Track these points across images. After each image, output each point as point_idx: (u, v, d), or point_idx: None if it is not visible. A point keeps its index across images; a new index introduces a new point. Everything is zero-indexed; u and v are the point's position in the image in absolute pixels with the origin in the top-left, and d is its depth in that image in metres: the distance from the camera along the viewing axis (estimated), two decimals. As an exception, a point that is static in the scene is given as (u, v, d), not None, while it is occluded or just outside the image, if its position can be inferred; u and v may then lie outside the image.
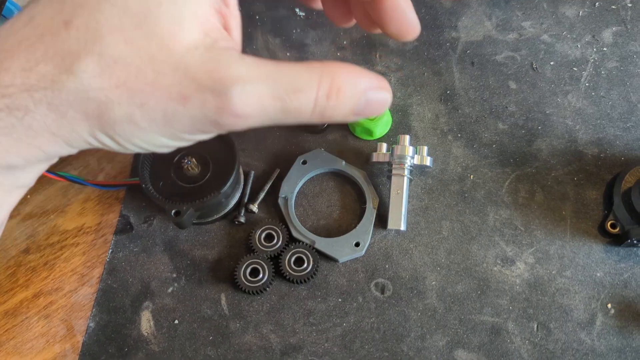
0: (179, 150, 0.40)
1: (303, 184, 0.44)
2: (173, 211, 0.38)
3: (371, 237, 0.41)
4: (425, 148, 0.42)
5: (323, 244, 0.41)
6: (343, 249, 0.40)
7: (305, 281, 0.40)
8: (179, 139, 0.27)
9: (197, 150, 0.41)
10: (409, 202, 0.42)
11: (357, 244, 0.40)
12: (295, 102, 0.25)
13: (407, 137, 0.42)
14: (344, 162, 0.43)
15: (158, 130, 0.26)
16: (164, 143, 0.27)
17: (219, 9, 0.27)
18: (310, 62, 0.26)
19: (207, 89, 0.24)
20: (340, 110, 0.26)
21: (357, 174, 0.43)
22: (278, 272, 0.40)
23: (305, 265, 0.40)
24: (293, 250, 0.41)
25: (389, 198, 0.41)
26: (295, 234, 0.41)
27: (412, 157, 0.41)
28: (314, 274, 0.40)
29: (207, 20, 0.25)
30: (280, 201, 0.42)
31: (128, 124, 0.25)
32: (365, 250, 0.41)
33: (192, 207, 0.39)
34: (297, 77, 0.25)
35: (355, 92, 0.26)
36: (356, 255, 0.41)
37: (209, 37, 0.25)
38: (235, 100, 0.24)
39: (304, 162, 0.43)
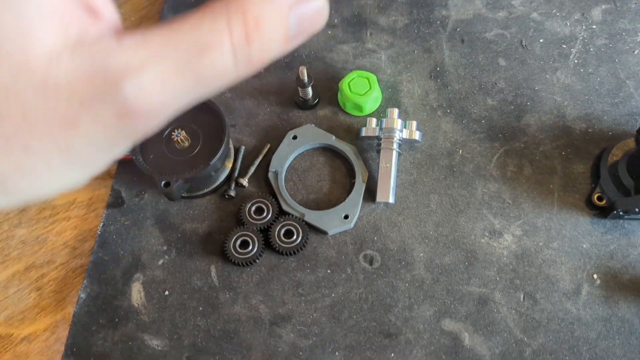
0: (170, 124, 0.41)
1: (293, 158, 0.44)
2: (163, 182, 0.39)
3: (360, 210, 0.41)
4: (414, 122, 0.42)
5: (312, 216, 0.41)
6: (332, 222, 0.41)
7: (294, 253, 0.41)
8: (96, 164, 0.21)
9: (187, 123, 0.41)
10: (397, 175, 0.42)
11: (346, 217, 0.41)
12: (208, 64, 0.19)
13: (396, 111, 0.42)
14: (334, 137, 0.44)
15: (63, 169, 0.20)
16: (79, 176, 0.21)
17: None
18: (209, 5, 0.20)
19: (93, 99, 0.19)
20: (269, 45, 0.20)
21: (347, 149, 0.43)
22: (268, 244, 0.41)
23: (295, 237, 0.41)
24: (283, 223, 0.41)
25: (378, 171, 0.42)
26: (285, 207, 0.42)
27: (401, 131, 0.42)
28: (304, 245, 0.41)
29: (60, 10, 0.19)
30: (271, 175, 0.43)
31: (21, 177, 0.20)
32: (355, 223, 0.41)
33: (181, 179, 0.39)
34: (198, 33, 0.19)
35: (278, 16, 0.20)
36: (345, 227, 0.41)
37: (69, 32, 0.19)
38: (132, 98, 0.19)
39: (295, 137, 0.44)
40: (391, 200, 0.41)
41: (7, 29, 0.18)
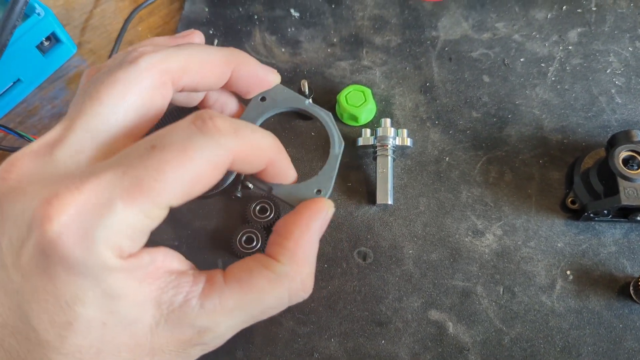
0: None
1: (261, 124, 0.38)
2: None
3: (334, 184, 0.35)
4: (405, 131, 0.47)
5: (281, 190, 0.34)
6: (303, 197, 0.34)
7: (295, 252, 0.44)
8: None
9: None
10: (393, 179, 0.46)
11: (318, 192, 0.34)
12: (269, 314, 0.28)
13: (389, 120, 0.47)
14: (308, 101, 0.37)
15: None
16: None
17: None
18: (269, 264, 0.28)
19: (186, 349, 0.26)
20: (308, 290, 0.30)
21: (322, 115, 0.37)
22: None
23: (296, 239, 0.44)
24: (285, 226, 0.45)
25: (376, 177, 0.45)
26: (252, 181, 0.34)
27: (394, 138, 0.46)
28: (303, 246, 0.44)
29: (154, 294, 0.25)
30: None
31: None
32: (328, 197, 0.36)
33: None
34: (262, 298, 0.26)
35: (314, 251, 0.30)
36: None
37: (163, 306, 0.25)
38: (213, 344, 0.27)
39: (263, 99, 0.35)
40: (390, 201, 0.44)
41: (118, 331, 0.24)
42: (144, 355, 0.24)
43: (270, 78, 0.33)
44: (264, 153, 0.28)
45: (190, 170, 0.23)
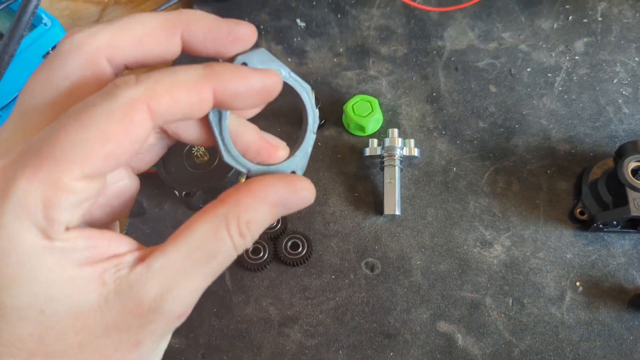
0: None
1: None
2: (184, 192, 0.43)
3: (307, 164, 0.31)
4: (413, 141, 0.46)
5: (259, 171, 0.30)
6: None
7: (300, 264, 0.44)
8: (159, 352, 0.26)
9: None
10: (401, 189, 0.46)
11: (293, 172, 0.31)
12: (218, 263, 0.24)
13: (396, 130, 0.46)
14: (286, 72, 0.29)
15: None
16: None
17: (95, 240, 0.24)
18: (210, 210, 0.25)
19: (145, 322, 0.23)
20: (257, 231, 0.26)
21: (300, 89, 0.31)
22: (277, 252, 0.44)
23: (300, 249, 0.44)
24: (290, 236, 0.45)
25: (383, 187, 0.45)
26: (227, 158, 0.30)
27: (401, 149, 0.46)
28: (309, 257, 0.44)
29: (96, 273, 0.23)
30: (211, 116, 0.28)
31: None
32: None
33: (200, 190, 0.43)
34: (205, 241, 0.24)
35: (265, 214, 0.25)
36: None
37: (108, 282, 0.23)
38: (173, 309, 0.23)
39: (244, 65, 0.28)
40: (397, 212, 0.44)
41: (60, 316, 0.22)
42: (97, 336, 0.23)
43: (242, 32, 0.27)
44: (189, 86, 0.23)
45: (89, 130, 0.21)
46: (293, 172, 0.31)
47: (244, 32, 0.28)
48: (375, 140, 0.47)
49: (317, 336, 0.42)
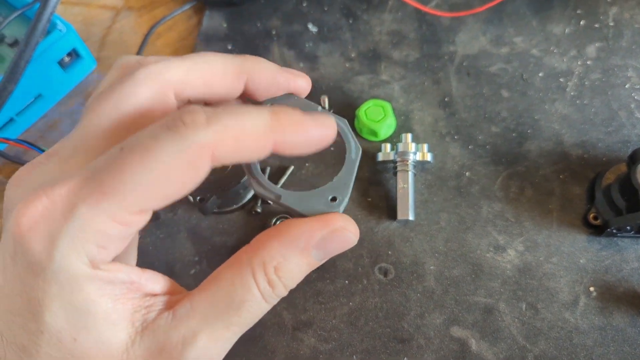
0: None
1: None
2: (198, 197, 0.43)
3: (351, 192, 0.30)
4: (426, 145, 0.47)
5: (291, 198, 0.29)
6: (315, 204, 0.29)
7: (315, 267, 0.44)
8: None
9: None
10: (414, 194, 0.46)
11: (333, 199, 0.29)
12: (245, 314, 0.23)
13: (409, 135, 0.47)
14: (320, 108, 0.32)
15: None
16: None
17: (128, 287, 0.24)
18: (237, 260, 0.24)
19: None
20: (293, 279, 0.24)
21: (338, 123, 0.31)
22: (291, 257, 0.45)
23: (315, 254, 0.44)
24: (304, 241, 0.45)
25: (396, 192, 0.45)
26: (257, 188, 0.29)
27: (415, 153, 0.46)
28: (323, 261, 0.44)
29: (127, 313, 0.24)
30: None
31: None
32: (344, 208, 0.31)
33: (214, 195, 0.43)
34: (233, 293, 0.23)
35: (297, 260, 0.24)
36: (332, 211, 0.30)
37: (136, 322, 0.24)
38: (200, 356, 0.23)
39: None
40: (411, 217, 0.44)
41: (90, 348, 0.23)
42: None
43: (298, 84, 0.29)
44: (255, 136, 0.23)
45: (155, 169, 0.21)
46: (333, 198, 0.29)
47: (301, 84, 0.30)
48: (388, 145, 0.47)
49: (331, 341, 0.42)
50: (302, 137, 0.25)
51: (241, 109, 0.23)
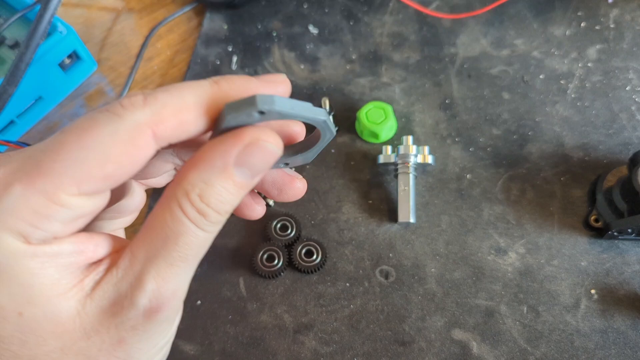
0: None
1: None
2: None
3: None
4: (427, 147, 0.47)
5: None
6: None
7: (314, 271, 0.44)
8: (152, 351, 0.25)
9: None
10: (415, 197, 0.46)
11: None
12: (186, 246, 0.23)
13: (410, 137, 0.47)
14: (310, 104, 0.24)
15: None
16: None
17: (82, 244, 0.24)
18: (166, 191, 0.23)
19: (124, 320, 0.23)
20: (225, 203, 0.23)
21: (327, 134, 0.26)
22: (291, 260, 0.45)
23: (315, 257, 0.44)
24: (304, 244, 0.45)
25: (397, 194, 0.45)
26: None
27: (416, 156, 0.46)
28: (323, 264, 0.44)
29: (73, 282, 0.23)
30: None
31: None
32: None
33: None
34: (166, 227, 0.22)
35: (219, 182, 0.22)
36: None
37: (85, 287, 0.23)
38: (148, 303, 0.23)
39: (262, 113, 0.22)
40: (412, 220, 0.44)
41: (38, 321, 0.22)
42: (78, 339, 0.23)
43: (278, 91, 0.26)
44: (197, 109, 0.23)
45: (91, 148, 0.21)
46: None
47: (280, 91, 0.27)
48: (389, 147, 0.47)
49: (332, 344, 0.42)
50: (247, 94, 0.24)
51: (181, 85, 0.23)
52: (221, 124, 0.23)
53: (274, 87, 0.25)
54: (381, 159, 0.47)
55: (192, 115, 0.23)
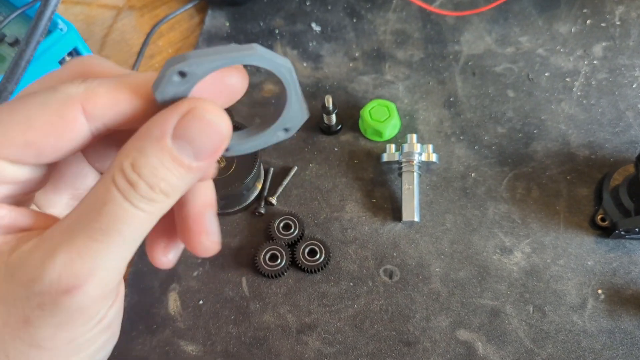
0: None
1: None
2: (201, 199, 0.42)
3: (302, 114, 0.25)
4: (431, 146, 0.46)
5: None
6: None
7: (318, 270, 0.44)
8: (66, 338, 0.22)
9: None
10: (419, 195, 0.45)
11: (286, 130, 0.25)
12: (108, 217, 0.20)
13: (415, 136, 0.46)
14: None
15: (43, 356, 0.22)
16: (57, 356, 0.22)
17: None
18: (103, 178, 0.21)
19: (29, 297, 0.20)
20: (152, 175, 0.21)
21: (279, 68, 0.22)
22: (294, 259, 0.44)
23: (318, 256, 0.44)
24: (307, 243, 0.44)
25: (401, 193, 0.45)
26: None
27: (420, 154, 0.45)
28: (326, 263, 0.44)
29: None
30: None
31: None
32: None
33: (217, 196, 0.43)
34: (92, 198, 0.21)
35: (155, 152, 0.20)
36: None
37: (3, 252, 0.22)
38: (56, 281, 0.20)
39: (182, 74, 0.21)
40: (416, 218, 0.44)
41: None
42: None
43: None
44: (131, 91, 0.22)
45: (16, 116, 0.21)
46: (287, 130, 0.25)
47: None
48: (393, 146, 0.47)
49: (336, 344, 0.41)
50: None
51: (127, 72, 0.23)
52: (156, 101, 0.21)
53: (228, 73, 0.24)
54: (385, 158, 0.46)
55: (126, 94, 0.22)
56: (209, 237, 0.26)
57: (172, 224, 0.26)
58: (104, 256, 0.20)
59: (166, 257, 0.26)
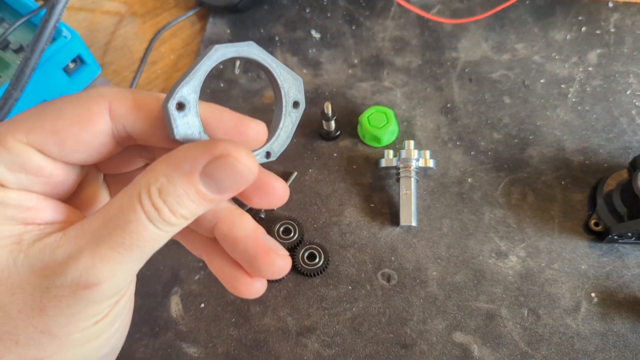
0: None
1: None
2: (203, 204, 0.43)
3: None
4: (428, 152, 0.47)
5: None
6: None
7: (317, 274, 0.45)
8: (76, 330, 0.23)
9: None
10: (417, 200, 0.46)
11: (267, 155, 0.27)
12: (132, 235, 0.22)
13: (412, 142, 0.47)
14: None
15: (53, 345, 0.23)
16: (66, 346, 0.24)
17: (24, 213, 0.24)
18: (132, 183, 0.23)
19: (50, 286, 0.22)
20: (177, 204, 0.22)
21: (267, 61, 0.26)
22: (294, 263, 0.45)
23: (317, 260, 0.45)
24: (306, 247, 0.45)
25: (399, 198, 0.46)
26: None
27: (417, 160, 0.46)
28: (326, 267, 0.45)
29: (16, 233, 0.23)
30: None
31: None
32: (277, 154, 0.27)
33: (219, 201, 0.43)
34: (120, 211, 0.22)
35: (182, 184, 0.22)
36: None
37: (24, 240, 0.23)
38: (77, 277, 0.22)
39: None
40: (414, 223, 0.45)
41: None
42: (1, 293, 0.23)
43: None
44: (154, 100, 0.25)
45: (49, 107, 0.24)
46: (268, 154, 0.27)
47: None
48: (391, 152, 0.48)
49: (334, 346, 0.42)
50: None
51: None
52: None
53: (248, 123, 0.26)
54: (383, 163, 0.47)
55: (152, 103, 0.24)
56: (278, 252, 0.27)
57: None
58: (124, 265, 0.23)
59: (254, 288, 0.29)
